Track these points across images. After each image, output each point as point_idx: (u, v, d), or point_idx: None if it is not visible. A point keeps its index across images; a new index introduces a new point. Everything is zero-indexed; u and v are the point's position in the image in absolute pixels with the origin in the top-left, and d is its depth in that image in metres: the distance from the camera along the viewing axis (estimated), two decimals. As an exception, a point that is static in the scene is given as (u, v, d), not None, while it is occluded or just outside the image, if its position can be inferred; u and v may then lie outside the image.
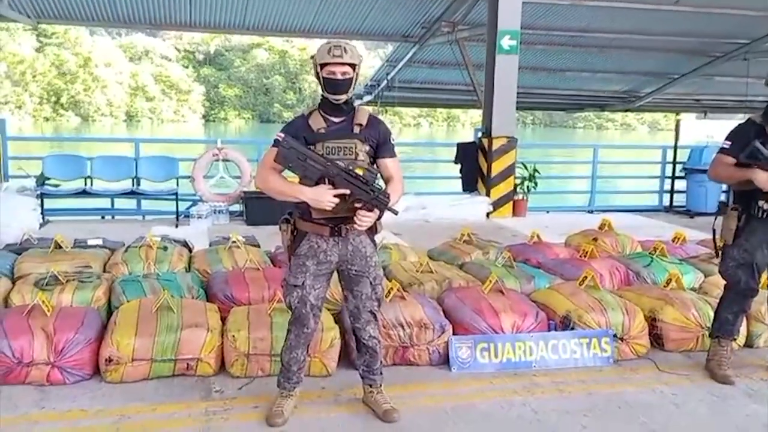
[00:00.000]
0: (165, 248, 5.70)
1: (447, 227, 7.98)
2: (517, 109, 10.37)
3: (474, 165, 10.26)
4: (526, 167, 10.53)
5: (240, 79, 65.31)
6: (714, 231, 4.36)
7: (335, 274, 3.58)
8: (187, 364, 3.98)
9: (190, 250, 6.18)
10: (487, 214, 9.88)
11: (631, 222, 9.49)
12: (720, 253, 4.31)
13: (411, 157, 19.25)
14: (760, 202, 4.03)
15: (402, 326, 4.26)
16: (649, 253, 5.93)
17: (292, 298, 3.47)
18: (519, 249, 6.43)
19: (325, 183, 3.27)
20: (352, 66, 3.37)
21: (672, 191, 11.44)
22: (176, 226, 8.38)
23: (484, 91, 10.40)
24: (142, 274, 5.08)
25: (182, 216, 8.77)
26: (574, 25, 13.38)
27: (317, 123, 3.40)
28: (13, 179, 8.77)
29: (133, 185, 9.13)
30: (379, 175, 3.52)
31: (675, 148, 11.22)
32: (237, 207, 9.32)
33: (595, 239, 6.52)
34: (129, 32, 59.73)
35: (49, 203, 8.90)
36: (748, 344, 4.75)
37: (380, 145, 3.46)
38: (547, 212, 11.26)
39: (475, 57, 11.56)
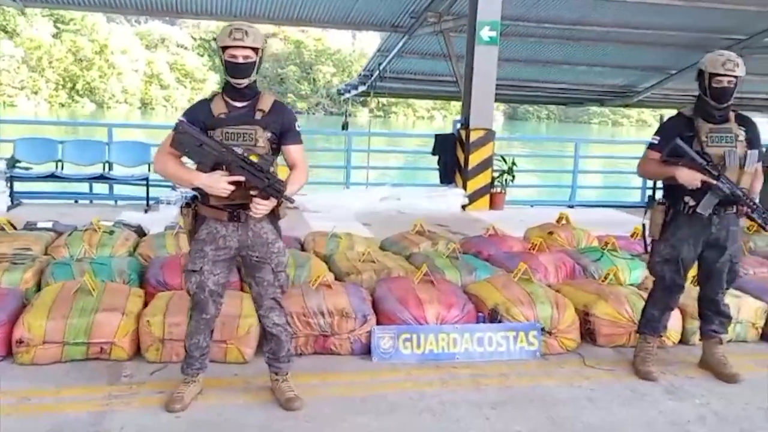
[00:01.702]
0: (111, 233, 5.71)
1: (420, 219, 7.91)
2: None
3: (452, 157, 10.18)
4: (504, 160, 10.44)
5: (255, 69, 65.33)
6: (644, 226, 4.30)
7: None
8: (101, 347, 3.97)
9: (144, 236, 6.18)
10: (463, 207, 9.79)
11: (606, 217, 9.42)
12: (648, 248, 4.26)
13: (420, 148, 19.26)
14: (686, 198, 3.97)
15: (323, 315, 4.22)
16: (600, 248, 5.87)
17: (191, 284, 3.45)
18: (474, 241, 6.40)
19: (222, 169, 3.25)
20: (255, 50, 3.35)
21: (654, 187, 11.26)
22: (146, 212, 8.40)
23: (463, 83, 10.31)
24: (75, 257, 5.09)
25: (153, 202, 8.77)
26: (567, 17, 13.16)
27: (218, 108, 3.38)
28: (-15, 162, 8.83)
29: (104, 170, 9.15)
30: (285, 161, 3.51)
31: (659, 143, 11.04)
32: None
33: (551, 233, 6.47)
34: (147, 20, 60.01)
35: (23, 186, 8.98)
36: (683, 341, 4.68)
37: (284, 131, 3.42)
38: (531, 206, 11.16)
39: (461, 48, 11.43)
